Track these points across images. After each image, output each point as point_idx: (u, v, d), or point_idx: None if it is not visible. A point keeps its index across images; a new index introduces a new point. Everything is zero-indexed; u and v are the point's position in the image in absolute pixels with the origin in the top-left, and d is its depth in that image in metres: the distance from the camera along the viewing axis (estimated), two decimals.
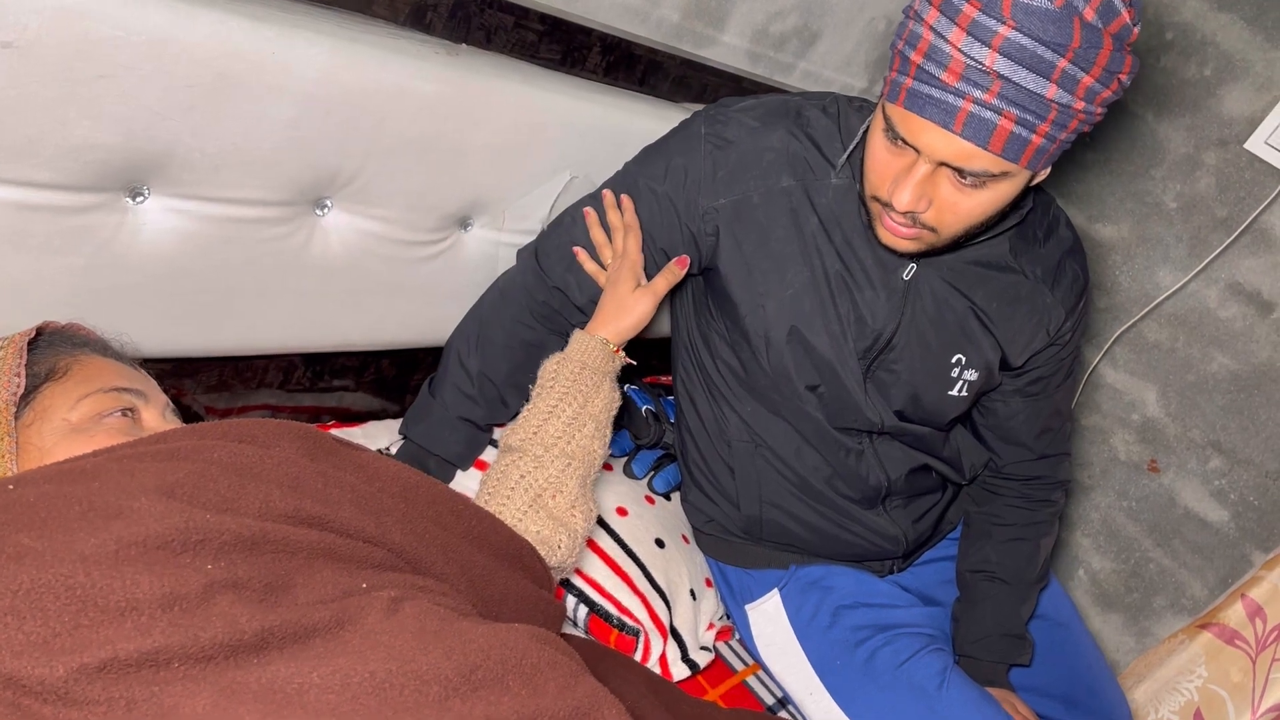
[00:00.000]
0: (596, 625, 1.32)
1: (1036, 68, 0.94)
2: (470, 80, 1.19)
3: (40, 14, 0.85)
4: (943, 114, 0.98)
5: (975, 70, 0.95)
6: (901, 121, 1.02)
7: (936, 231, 1.11)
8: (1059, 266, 1.32)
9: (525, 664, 0.76)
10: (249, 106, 1.02)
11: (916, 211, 1.07)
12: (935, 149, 1.01)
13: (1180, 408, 1.91)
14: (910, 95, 1.00)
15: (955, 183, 1.05)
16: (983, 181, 1.04)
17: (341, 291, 1.26)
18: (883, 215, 1.12)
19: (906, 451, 1.38)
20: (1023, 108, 0.97)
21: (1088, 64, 0.95)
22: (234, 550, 0.73)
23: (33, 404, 0.86)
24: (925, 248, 1.15)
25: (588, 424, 1.19)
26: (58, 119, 0.91)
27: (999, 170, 1.02)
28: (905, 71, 1.01)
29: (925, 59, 0.98)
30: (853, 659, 1.35)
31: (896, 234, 1.13)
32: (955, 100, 0.97)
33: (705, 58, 1.56)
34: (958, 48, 0.95)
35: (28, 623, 0.62)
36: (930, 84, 0.98)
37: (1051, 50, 0.94)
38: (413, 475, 0.96)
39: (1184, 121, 1.84)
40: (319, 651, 0.70)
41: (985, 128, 0.98)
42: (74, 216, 0.98)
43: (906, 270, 1.24)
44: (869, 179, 1.12)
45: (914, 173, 1.04)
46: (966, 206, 1.07)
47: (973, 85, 0.96)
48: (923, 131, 1.00)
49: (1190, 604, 1.93)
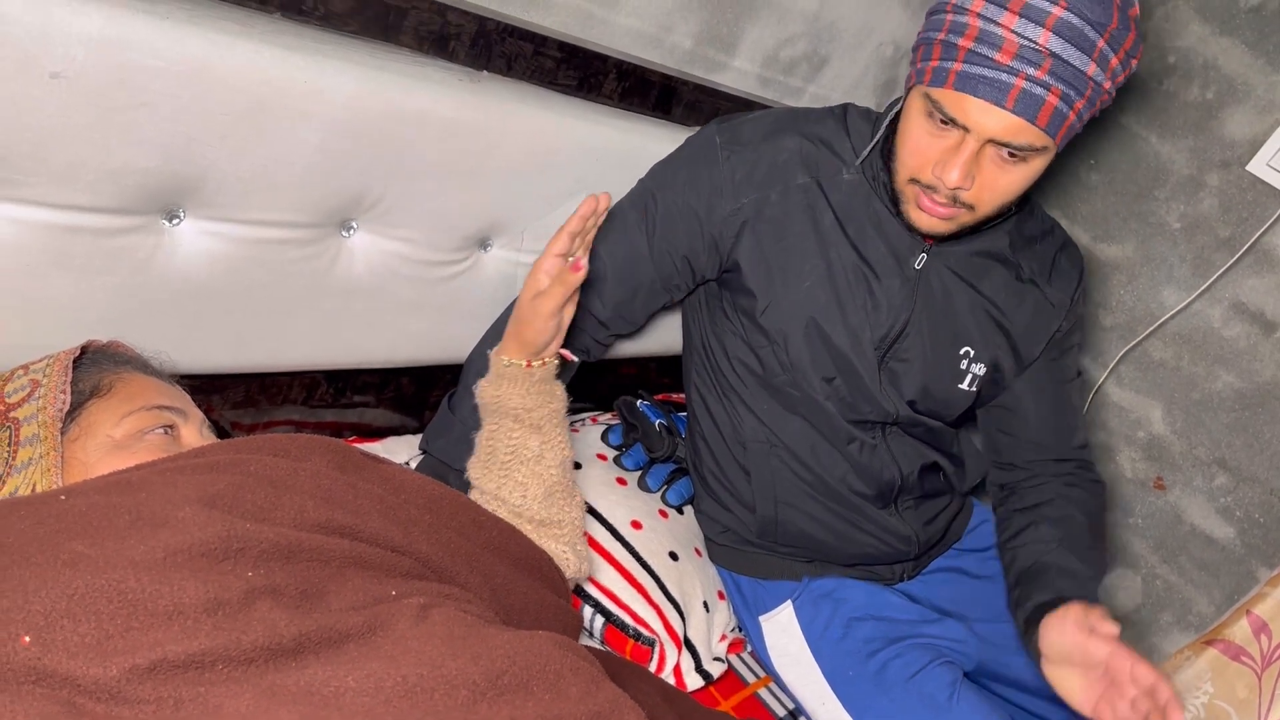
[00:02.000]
0: (613, 635, 1.35)
1: (1082, 45, 1.04)
2: (491, 106, 1.22)
3: (86, 45, 0.89)
4: (996, 92, 1.06)
5: (1029, 49, 1.04)
6: (951, 103, 1.09)
7: (973, 209, 1.18)
8: (1054, 261, 1.39)
9: (549, 669, 0.78)
10: (280, 132, 1.05)
11: (962, 189, 1.14)
12: (985, 126, 1.08)
13: (1186, 425, 1.93)
14: (961, 77, 1.08)
15: (998, 159, 1.12)
16: (1024, 156, 1.12)
17: (364, 310, 1.30)
18: (920, 197, 1.18)
19: (917, 447, 1.41)
20: (1067, 83, 1.06)
21: (1118, 45, 1.06)
22: (272, 558, 0.77)
23: (78, 420, 0.89)
24: (957, 228, 1.22)
25: (530, 441, 1.14)
26: (99, 145, 0.95)
27: (1040, 144, 1.10)
28: (951, 57, 1.08)
29: (976, 43, 1.06)
30: (865, 670, 1.37)
31: (934, 214, 1.19)
32: (1009, 79, 1.05)
33: (717, 83, 1.60)
34: (1011, 29, 1.04)
35: (82, 625, 0.65)
36: (983, 65, 1.06)
37: (1095, 30, 1.04)
38: (437, 487, 0.99)
39: (1187, 144, 1.87)
40: (353, 656, 0.73)
41: (1035, 103, 1.06)
42: (113, 238, 1.02)
43: (918, 260, 1.29)
44: (907, 163, 1.18)
45: (962, 150, 1.11)
46: (1005, 182, 1.15)
47: (1026, 63, 1.04)
48: (974, 110, 1.08)
49: (1197, 620, 1.94)
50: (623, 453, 1.59)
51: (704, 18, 1.51)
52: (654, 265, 1.34)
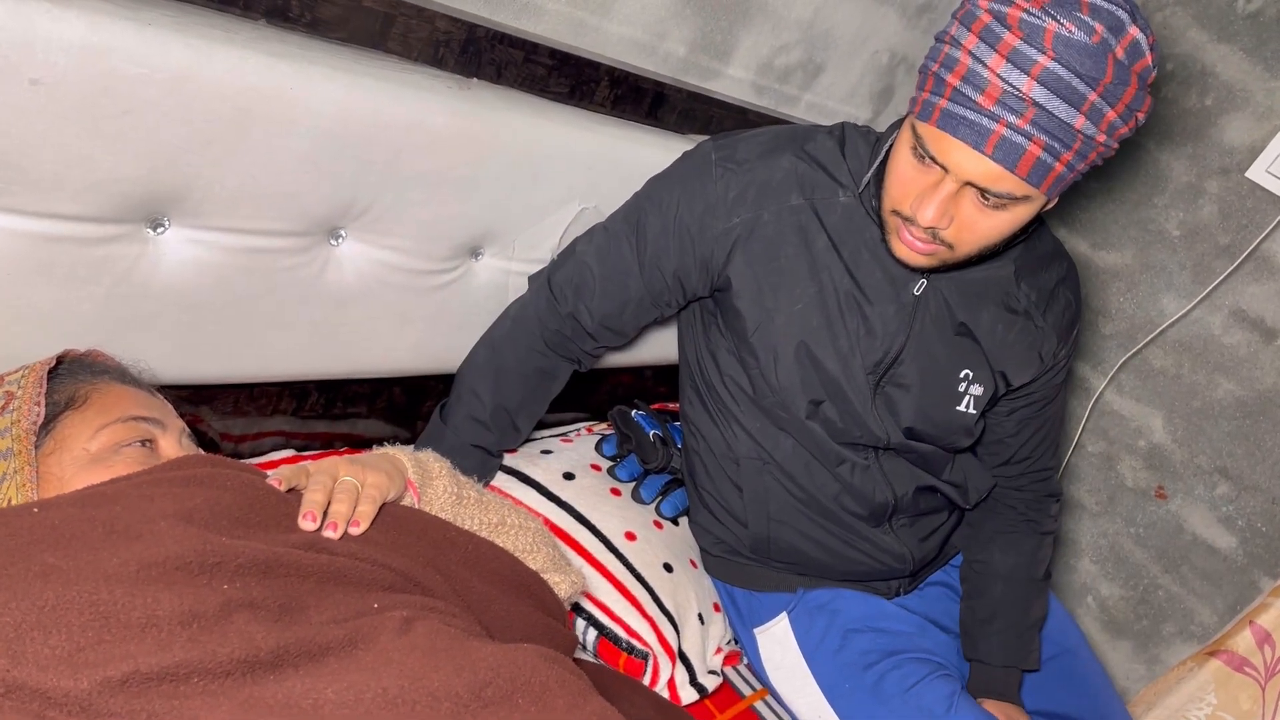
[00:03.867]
0: (605, 649, 1.33)
1: (1070, 98, 0.99)
2: (481, 113, 1.22)
3: (67, 52, 0.88)
4: (975, 135, 1.02)
5: (1012, 96, 1.00)
6: (933, 140, 1.06)
7: (953, 248, 1.15)
8: (1053, 294, 1.35)
9: (534, 682, 0.77)
10: (266, 140, 1.05)
11: (938, 228, 1.11)
12: (964, 169, 1.05)
13: (1187, 434, 1.91)
14: (944, 115, 1.04)
15: (978, 203, 1.09)
16: (1004, 204, 1.08)
17: (355, 320, 1.29)
18: (901, 229, 1.16)
19: (912, 470, 1.40)
20: (1051, 135, 1.01)
21: (1114, 99, 1.01)
22: (249, 573, 0.75)
23: (53, 433, 0.88)
24: (938, 263, 1.19)
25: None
26: (82, 153, 0.94)
27: (1021, 194, 1.06)
28: (939, 92, 1.05)
29: (962, 82, 1.02)
30: (862, 682, 1.35)
31: (913, 248, 1.16)
32: (989, 123, 1.01)
33: (711, 91, 1.59)
34: (996, 73, 1.00)
35: (53, 637, 0.64)
36: (965, 106, 1.02)
37: (1085, 83, 0.99)
38: (398, 508, 0.96)
39: (1186, 150, 1.87)
40: (333, 668, 0.72)
41: (1015, 151, 1.02)
42: (97, 247, 1.01)
43: (917, 285, 1.27)
44: (891, 193, 1.15)
45: (939, 190, 1.08)
46: (985, 227, 1.11)
47: (1007, 110, 1.00)
48: (953, 151, 1.04)
49: (1199, 631, 1.93)
50: (617, 464, 1.57)
51: (698, 25, 1.51)
52: (643, 281, 1.32)
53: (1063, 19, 0.98)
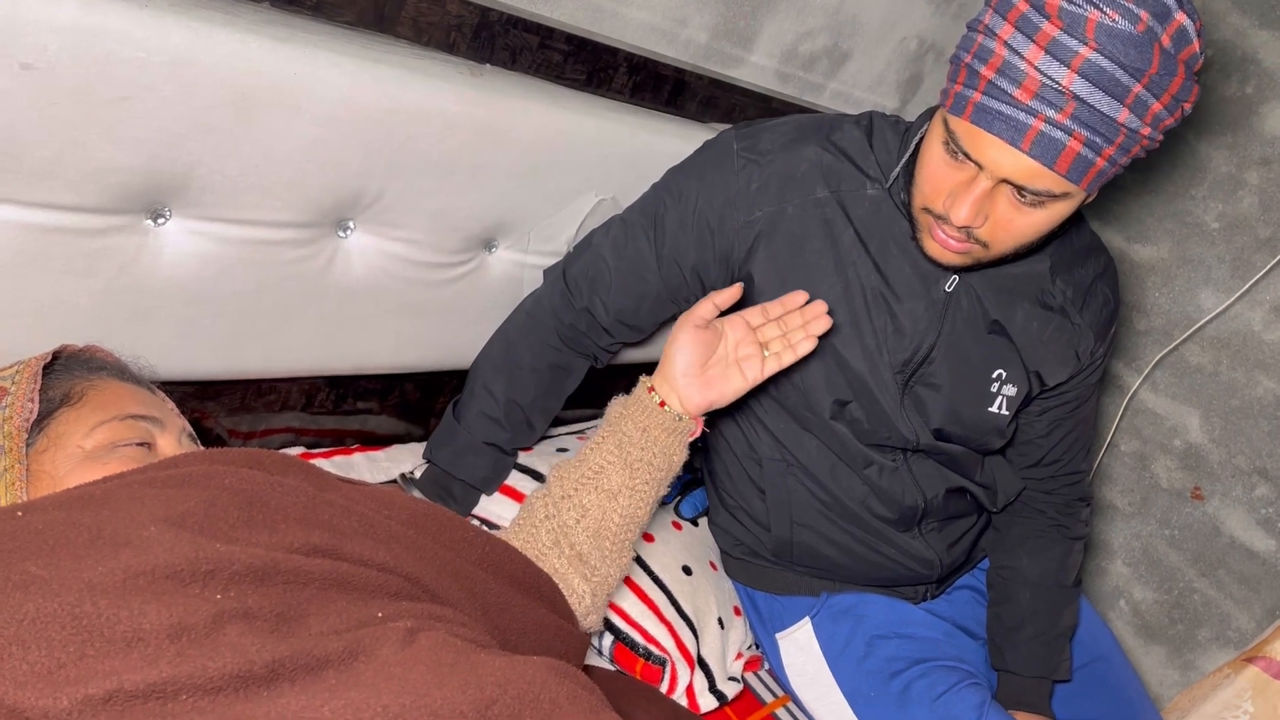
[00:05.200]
0: (622, 654, 1.29)
1: (1113, 91, 0.93)
2: (494, 100, 1.17)
3: (60, 35, 0.84)
4: (1012, 131, 0.97)
5: (1051, 90, 0.94)
6: (966, 136, 1.01)
7: (987, 247, 1.09)
8: (1090, 290, 1.29)
9: (543, 699, 0.73)
10: (270, 127, 1.01)
11: (973, 227, 1.06)
12: (999, 166, 0.99)
13: (1224, 433, 1.85)
14: (978, 110, 0.98)
15: (1014, 201, 1.03)
16: (1042, 201, 1.02)
17: (365, 314, 1.25)
18: (933, 227, 1.11)
19: (941, 471, 1.34)
20: (1093, 130, 0.95)
21: (1160, 90, 0.95)
22: (244, 580, 0.72)
23: (46, 430, 0.85)
24: (972, 262, 1.14)
25: (615, 473, 1.11)
26: (78, 141, 0.90)
27: (1060, 191, 1.01)
28: (973, 85, 0.99)
29: (997, 74, 0.97)
30: (887, 691, 1.31)
31: (946, 246, 1.11)
32: (1026, 118, 0.96)
33: (733, 78, 1.54)
34: (1034, 65, 0.94)
35: (32, 652, 0.60)
36: (1001, 100, 0.97)
37: (1129, 75, 0.93)
38: (420, 504, 0.94)
39: (1225, 140, 1.80)
40: (331, 684, 0.68)
41: (1054, 147, 0.96)
42: (95, 238, 0.97)
43: (949, 282, 1.22)
44: (922, 190, 1.10)
45: (974, 188, 1.02)
46: (1021, 225, 1.06)
47: (1046, 104, 0.95)
48: (988, 147, 0.99)
49: (1236, 636, 1.87)
50: None
51: (720, 10, 1.46)
52: (661, 276, 1.28)
53: (1105, 7, 0.92)
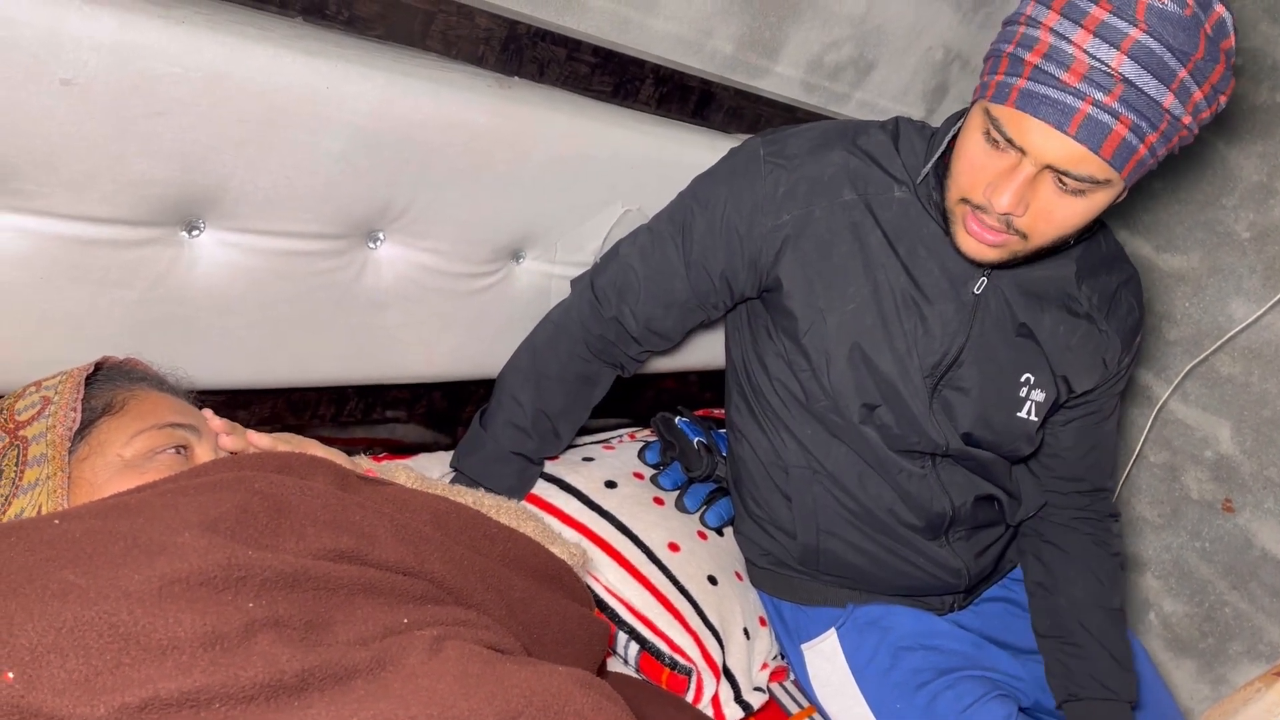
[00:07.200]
0: (648, 663, 1.29)
1: (1160, 74, 0.95)
2: (522, 112, 1.18)
3: (98, 51, 0.86)
4: (1059, 115, 0.98)
5: (1100, 72, 0.95)
6: (1010, 121, 1.01)
7: (1026, 239, 1.10)
8: (1114, 297, 1.30)
9: (568, 710, 0.73)
10: (302, 140, 1.02)
11: (1014, 215, 1.06)
12: (1045, 151, 1.00)
13: (1256, 444, 1.83)
14: (1024, 95, 0.99)
15: (1056, 188, 1.04)
16: (1084, 189, 1.03)
17: (393, 324, 1.26)
18: (968, 219, 1.11)
19: (970, 478, 1.34)
20: (1140, 114, 0.97)
21: (1202, 78, 0.97)
22: (275, 588, 0.72)
23: (88, 439, 0.86)
24: (1008, 256, 1.14)
25: None
26: (115, 155, 0.92)
27: (1103, 177, 1.01)
28: (1016, 73, 1.00)
29: (1044, 59, 0.98)
30: (913, 703, 1.30)
31: (982, 239, 1.11)
32: (1074, 101, 0.97)
33: (759, 88, 1.54)
34: (1083, 49, 0.95)
35: (70, 660, 0.61)
36: (1047, 84, 0.98)
37: (1177, 58, 0.94)
38: (443, 503, 0.95)
39: (1256, 149, 1.79)
40: (360, 695, 0.69)
41: (1100, 131, 0.97)
42: (131, 250, 0.99)
43: (977, 284, 1.22)
44: (959, 181, 1.10)
45: (1017, 174, 1.03)
46: (1062, 214, 1.06)
47: (1095, 87, 0.96)
48: (1033, 131, 1.00)
49: (1268, 650, 1.84)
50: (660, 471, 1.53)
51: (745, 21, 1.46)
52: (689, 283, 1.28)
53: None
